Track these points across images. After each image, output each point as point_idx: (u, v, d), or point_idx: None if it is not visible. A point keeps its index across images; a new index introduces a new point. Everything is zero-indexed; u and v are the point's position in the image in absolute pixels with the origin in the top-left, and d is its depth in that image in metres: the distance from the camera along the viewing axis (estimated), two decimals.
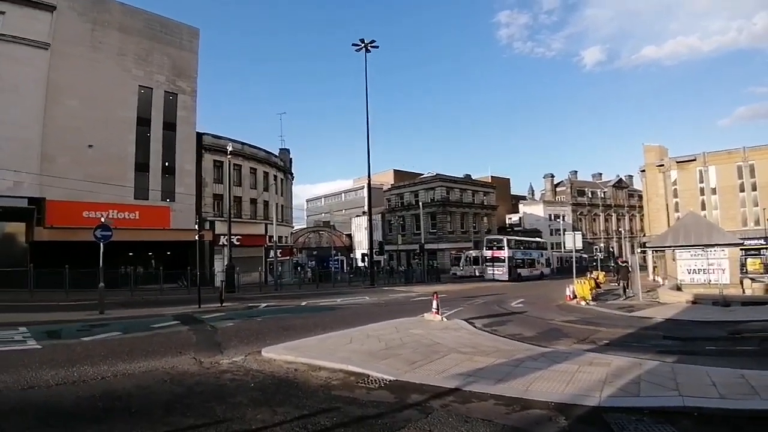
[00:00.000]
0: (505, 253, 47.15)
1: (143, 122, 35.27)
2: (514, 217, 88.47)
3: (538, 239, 61.08)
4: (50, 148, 30.26)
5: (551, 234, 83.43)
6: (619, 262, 44.08)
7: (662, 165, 56.15)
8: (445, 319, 15.10)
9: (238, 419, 5.86)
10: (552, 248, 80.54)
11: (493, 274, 46.79)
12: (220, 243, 37.44)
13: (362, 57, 38.96)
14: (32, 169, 28.69)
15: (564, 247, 71.41)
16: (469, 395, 7.02)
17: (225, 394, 7.08)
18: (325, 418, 5.89)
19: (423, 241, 52.83)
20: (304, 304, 22.68)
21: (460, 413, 6.20)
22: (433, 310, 15.41)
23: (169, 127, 36.66)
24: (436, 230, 66.42)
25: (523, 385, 7.43)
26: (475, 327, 14.40)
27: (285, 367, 8.80)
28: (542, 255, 57.06)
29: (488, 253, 48.96)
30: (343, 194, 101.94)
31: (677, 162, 55.50)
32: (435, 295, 16.24)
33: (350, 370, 8.46)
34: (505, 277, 45.76)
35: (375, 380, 7.81)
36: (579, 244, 26.24)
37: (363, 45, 38.30)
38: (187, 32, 39.13)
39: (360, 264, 67.19)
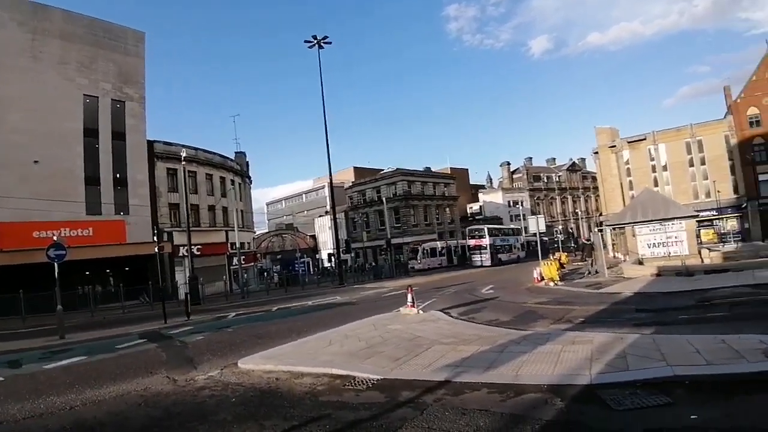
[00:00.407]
0: (486, 241, 51.32)
1: (90, 133, 33.69)
2: (475, 206, 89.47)
3: (512, 226, 63.47)
4: None
5: (511, 220, 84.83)
6: (583, 241, 45.29)
7: (614, 146, 57.93)
8: (421, 312, 14.97)
9: None
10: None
11: (479, 260, 50.85)
12: (180, 254, 36.28)
13: (314, 55, 38.78)
14: None
15: (524, 231, 73.06)
16: (460, 386, 6.87)
17: (206, 412, 6.66)
18: (317, 427, 5.60)
19: (389, 236, 52.65)
20: (274, 309, 22.14)
21: (455, 406, 6.04)
22: (408, 304, 15.27)
23: (119, 136, 35.16)
24: (400, 224, 66.39)
25: (512, 370, 7.38)
26: (451, 317, 14.34)
27: (265, 378, 8.41)
28: (518, 240, 60.01)
29: (471, 242, 53.15)
30: (303, 195, 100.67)
31: (628, 142, 57.36)
32: (409, 288, 16.12)
33: (334, 373, 8.16)
34: (489, 262, 49.82)
35: (362, 381, 7.55)
36: (543, 227, 26.63)
37: (316, 41, 37.80)
38: (132, 36, 37.59)
39: (327, 264, 66.54)
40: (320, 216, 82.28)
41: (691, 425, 4.97)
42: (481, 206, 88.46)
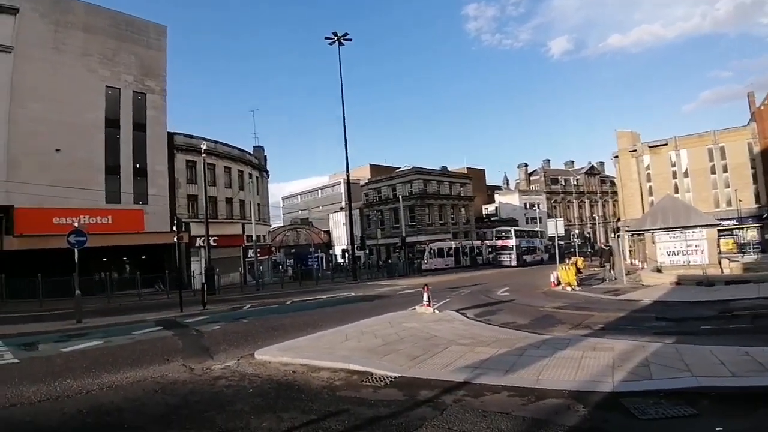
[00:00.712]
0: (513, 242, 52.89)
1: (112, 124, 34.11)
2: (491, 207, 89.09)
3: (535, 228, 63.23)
4: (16, 154, 29.04)
5: (527, 222, 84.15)
6: (602, 246, 44.83)
7: (635, 150, 57.18)
8: (437, 311, 14.87)
9: (243, 429, 5.48)
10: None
11: (508, 260, 52.34)
12: (197, 245, 36.56)
13: (333, 53, 38.90)
14: None
15: (540, 234, 72.47)
16: (480, 388, 6.77)
17: (223, 402, 6.66)
18: (335, 422, 5.55)
19: (404, 235, 52.55)
20: (288, 302, 22.21)
21: (476, 407, 5.96)
22: (425, 303, 15.17)
23: (139, 128, 35.55)
24: (415, 223, 66.19)
25: (532, 374, 7.26)
26: (467, 317, 14.22)
27: (282, 370, 8.40)
28: (541, 243, 60.75)
29: (499, 243, 54.96)
30: (319, 190, 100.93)
31: (649, 147, 56.54)
32: (426, 287, 16.00)
33: (352, 368, 8.12)
34: (514, 263, 51.22)
35: (380, 378, 7.50)
36: (561, 231, 26.36)
37: (336, 38, 37.76)
38: (154, 30, 37.96)
39: (340, 260, 66.65)
40: (335, 212, 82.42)
41: None
42: (496, 207, 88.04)
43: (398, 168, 78.12)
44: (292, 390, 7.13)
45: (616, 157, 60.41)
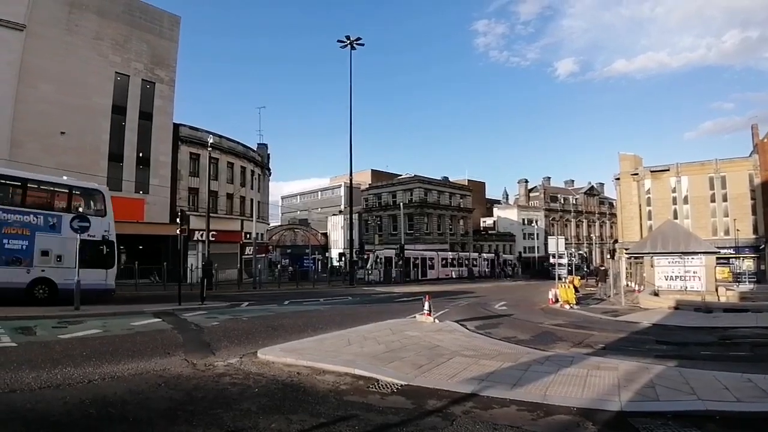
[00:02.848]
0: None
1: (118, 110, 34.06)
2: (489, 221, 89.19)
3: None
4: (20, 134, 28.93)
5: (524, 238, 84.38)
6: (598, 267, 44.98)
7: (637, 174, 57.36)
8: (437, 321, 14.80)
9: (251, 428, 5.38)
10: (525, 252, 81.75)
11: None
12: (195, 238, 36.38)
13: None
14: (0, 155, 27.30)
15: (537, 251, 72.36)
16: (488, 401, 6.72)
17: (229, 400, 6.57)
18: (345, 427, 5.48)
19: (403, 242, 52.45)
20: (286, 303, 22.09)
21: (485, 420, 5.91)
22: (425, 312, 15.09)
23: (145, 116, 35.52)
24: (413, 231, 66.19)
25: (539, 390, 7.25)
26: (468, 329, 14.14)
27: (286, 371, 8.31)
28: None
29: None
30: (319, 192, 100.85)
31: (651, 171, 56.74)
32: (427, 296, 15.96)
33: (357, 374, 8.04)
34: None
35: (386, 385, 7.43)
36: (562, 249, 26.38)
37: (348, 42, 37.90)
38: (168, 20, 38.01)
39: (336, 263, 66.51)
40: (334, 215, 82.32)
41: None
42: (495, 221, 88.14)
43: (399, 175, 78.22)
44: (299, 392, 7.04)
45: (618, 179, 60.52)
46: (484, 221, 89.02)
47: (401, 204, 62.23)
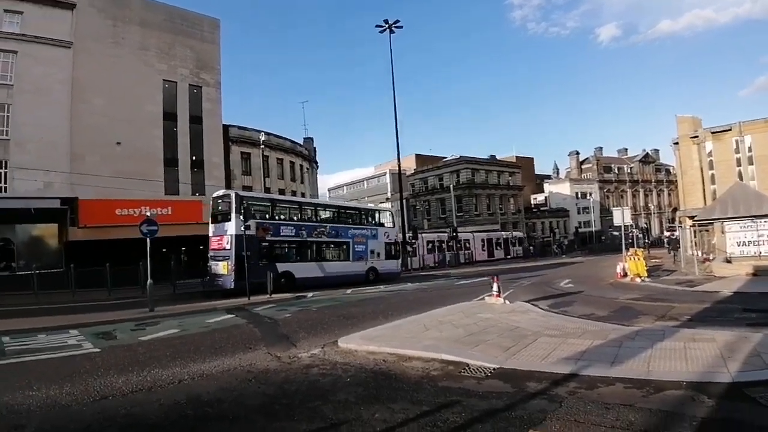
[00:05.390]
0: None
1: (169, 117, 34.88)
2: (540, 197, 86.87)
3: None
4: (79, 147, 29.99)
5: (578, 213, 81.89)
6: (672, 237, 43.27)
7: (696, 136, 54.32)
8: (507, 302, 14.44)
9: (356, 421, 5.26)
10: (581, 226, 79.37)
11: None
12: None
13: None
14: (62, 169, 28.42)
15: (594, 224, 70.14)
16: (591, 380, 6.43)
17: (323, 391, 6.49)
18: (452, 414, 5.30)
19: (455, 225, 51.88)
20: (349, 292, 22.15)
21: (594, 400, 5.65)
22: (494, 293, 14.77)
23: (196, 120, 36.24)
24: (462, 213, 65.32)
25: (641, 366, 6.97)
26: (541, 309, 13.77)
27: (371, 359, 8.22)
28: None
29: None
30: (365, 181, 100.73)
31: (712, 132, 53.52)
32: (495, 278, 15.60)
33: (444, 358, 7.87)
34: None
35: (478, 369, 7.21)
36: (628, 220, 25.35)
37: (387, 26, 37.49)
38: (208, 24, 38.56)
39: None
40: (381, 202, 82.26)
41: None
42: (546, 197, 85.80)
43: (444, 158, 77.20)
44: (390, 380, 6.92)
45: (676, 143, 57.31)
46: (535, 198, 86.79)
47: (450, 186, 61.46)
